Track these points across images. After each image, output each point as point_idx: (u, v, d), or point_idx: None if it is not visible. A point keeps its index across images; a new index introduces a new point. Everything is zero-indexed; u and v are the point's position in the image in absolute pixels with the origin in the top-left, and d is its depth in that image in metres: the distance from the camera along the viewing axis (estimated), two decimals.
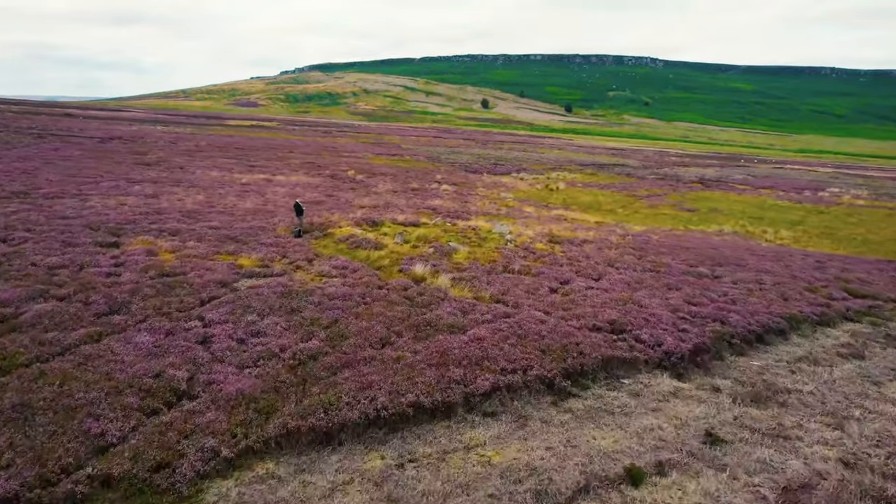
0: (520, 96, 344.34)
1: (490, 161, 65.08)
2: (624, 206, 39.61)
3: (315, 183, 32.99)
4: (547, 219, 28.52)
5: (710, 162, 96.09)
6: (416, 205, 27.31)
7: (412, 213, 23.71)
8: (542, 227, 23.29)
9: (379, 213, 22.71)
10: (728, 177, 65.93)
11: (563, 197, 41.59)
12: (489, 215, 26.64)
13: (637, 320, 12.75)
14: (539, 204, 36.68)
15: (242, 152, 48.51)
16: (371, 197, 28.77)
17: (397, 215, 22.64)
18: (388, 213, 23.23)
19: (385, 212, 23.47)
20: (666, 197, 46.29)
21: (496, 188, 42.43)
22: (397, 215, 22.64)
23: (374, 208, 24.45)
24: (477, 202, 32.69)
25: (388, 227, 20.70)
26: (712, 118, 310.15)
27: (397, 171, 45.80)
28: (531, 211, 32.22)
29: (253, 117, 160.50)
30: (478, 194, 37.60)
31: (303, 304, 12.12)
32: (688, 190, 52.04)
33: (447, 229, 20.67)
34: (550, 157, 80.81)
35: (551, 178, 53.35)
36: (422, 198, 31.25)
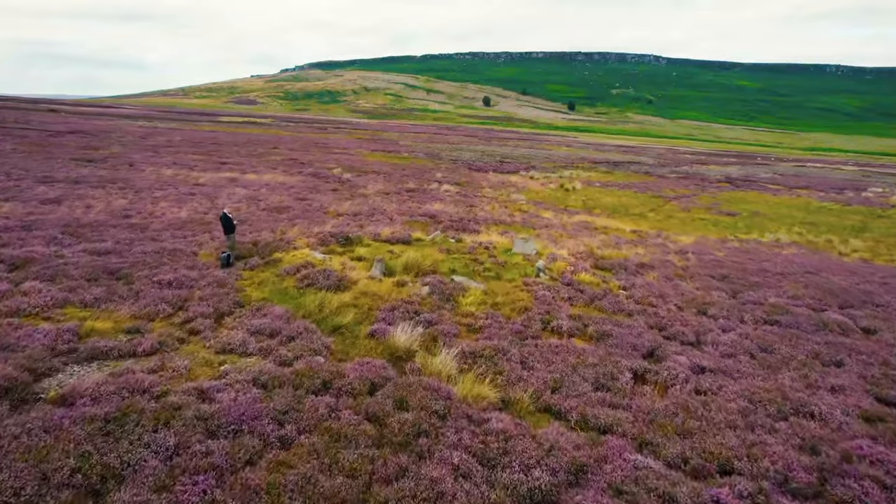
0: (522, 94, 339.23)
1: (495, 158, 59.61)
2: (654, 210, 34.16)
3: (290, 183, 27.62)
4: (574, 227, 23.11)
5: (728, 160, 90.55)
6: (411, 210, 21.93)
7: (403, 224, 18.32)
8: (575, 243, 17.88)
9: (358, 224, 17.28)
10: (754, 175, 60.45)
11: (581, 198, 36.15)
12: (502, 224, 21.24)
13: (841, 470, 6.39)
14: (557, 208, 31.23)
15: (219, 148, 43.10)
16: (355, 200, 23.36)
17: (382, 227, 17.19)
18: (370, 223, 17.92)
19: (367, 221, 18.01)
20: (696, 198, 40.85)
21: (505, 189, 36.99)
22: (382, 227, 17.19)
23: (355, 217, 18.97)
24: (485, 206, 27.25)
25: (365, 246, 14.93)
26: (717, 116, 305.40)
27: (392, 169, 40.38)
28: (550, 217, 26.77)
29: (247, 114, 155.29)
30: (485, 196, 32.18)
31: (134, 457, 5.69)
32: (717, 190, 46.56)
33: (450, 249, 15.26)
34: (559, 153, 75.30)
35: (564, 177, 47.87)
36: (418, 201, 25.83)
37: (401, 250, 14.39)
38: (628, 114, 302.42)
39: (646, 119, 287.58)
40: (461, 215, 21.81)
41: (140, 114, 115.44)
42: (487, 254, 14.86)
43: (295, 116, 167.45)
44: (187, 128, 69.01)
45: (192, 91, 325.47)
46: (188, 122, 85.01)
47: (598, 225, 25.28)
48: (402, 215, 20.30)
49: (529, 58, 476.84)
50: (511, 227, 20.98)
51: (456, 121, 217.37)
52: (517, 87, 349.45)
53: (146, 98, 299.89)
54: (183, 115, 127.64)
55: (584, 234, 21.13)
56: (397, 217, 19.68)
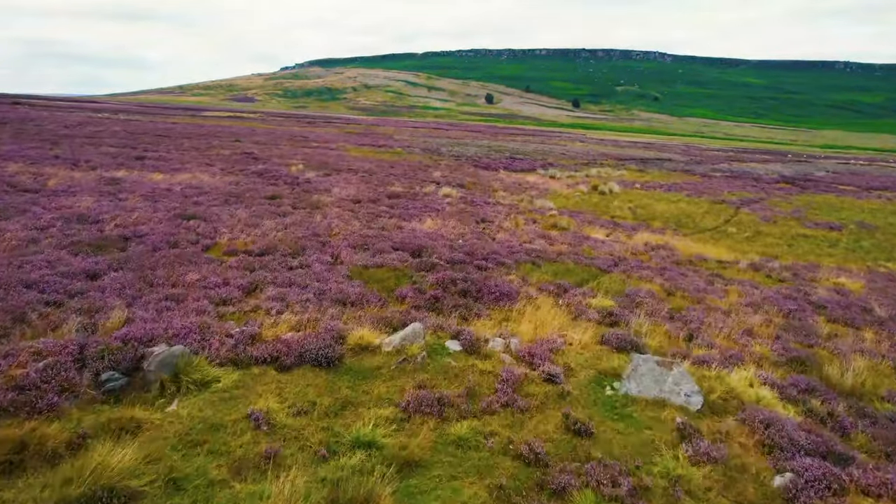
0: (525, 91, 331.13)
1: (505, 154, 50.57)
2: (728, 221, 25.10)
3: (212, 186, 18.61)
4: (662, 262, 13.98)
5: (762, 157, 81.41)
6: (381, 238, 12.66)
7: (351, 277, 9.51)
8: (731, 322, 8.65)
9: (232, 300, 8.01)
10: (809, 174, 51.34)
11: (627, 205, 27.08)
12: (547, 265, 12.02)
13: None
14: (602, 220, 22.18)
15: (158, 140, 34.16)
16: (291, 218, 14.09)
17: (291, 306, 7.86)
18: (272, 286, 8.70)
19: (271, 276, 9.02)
20: (768, 204, 31.79)
21: (524, 192, 27.97)
22: (291, 306, 7.86)
23: (247, 266, 9.69)
24: (503, 220, 18.22)
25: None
26: (725, 113, 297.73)
27: (377, 167, 31.38)
28: (603, 237, 17.74)
29: (239, 110, 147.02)
30: (500, 202, 23.16)
31: None
32: (783, 193, 37.48)
33: (442, 403, 5.70)
34: (575, 149, 66.21)
35: (593, 177, 38.81)
36: (402, 215, 16.79)
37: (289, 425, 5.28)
38: (634, 111, 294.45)
39: (652, 116, 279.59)
40: (469, 245, 12.73)
41: (118, 109, 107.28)
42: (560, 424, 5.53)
43: (288, 113, 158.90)
44: (155, 120, 60.07)
45: (189, 89, 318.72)
46: (160, 116, 76.09)
47: (681, 252, 16.19)
48: (359, 249, 11.14)
49: (532, 55, 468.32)
50: (563, 269, 11.77)
51: (458, 118, 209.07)
52: (520, 84, 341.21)
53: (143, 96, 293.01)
54: (167, 110, 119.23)
55: (691, 276, 12.10)
56: (346, 255, 10.45)
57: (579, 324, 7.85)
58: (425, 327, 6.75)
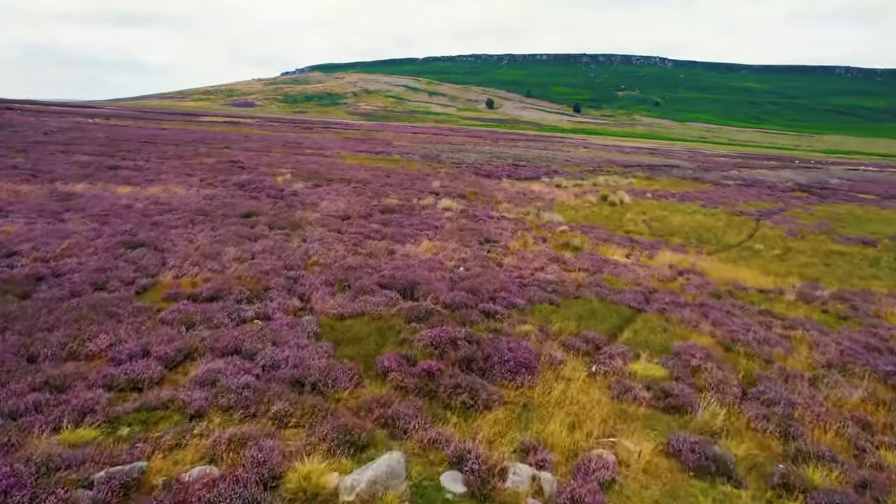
0: (526, 96, 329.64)
1: (507, 161, 48.65)
2: (752, 236, 23.11)
3: (183, 200, 16.65)
4: (698, 293, 11.94)
5: (770, 163, 79.49)
6: (368, 268, 10.64)
7: (319, 336, 7.59)
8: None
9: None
10: (823, 182, 49.38)
11: (641, 217, 25.09)
12: (566, 297, 9.98)
13: None
14: (615, 235, 20.20)
15: (142, 146, 32.26)
16: (263, 242, 12.14)
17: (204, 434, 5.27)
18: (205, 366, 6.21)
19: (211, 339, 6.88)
20: (789, 215, 29.82)
21: (530, 203, 26.01)
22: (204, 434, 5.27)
23: (181, 321, 7.48)
24: (509, 239, 16.24)
25: None
26: (726, 118, 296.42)
27: (372, 176, 29.43)
28: (620, 258, 15.76)
29: (237, 115, 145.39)
30: (504, 216, 21.20)
31: None
32: (802, 203, 35.50)
33: None
34: (579, 155, 64.29)
35: (601, 185, 36.86)
36: (395, 235, 14.81)
37: None
38: (636, 116, 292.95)
39: (654, 121, 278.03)
40: (472, 276, 10.71)
41: (113, 113, 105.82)
42: None
43: (287, 118, 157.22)
44: (142, 126, 58.24)
45: (190, 93, 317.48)
46: (154, 121, 74.33)
47: (714, 279, 14.18)
48: (338, 287, 9.09)
49: (533, 60, 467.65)
50: (588, 310, 9.70)
51: (458, 123, 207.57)
52: (521, 89, 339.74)
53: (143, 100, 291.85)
54: (164, 114, 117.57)
55: (738, 316, 10.10)
56: (320, 297, 8.37)
57: (627, 408, 5.85)
58: (408, 457, 4.58)
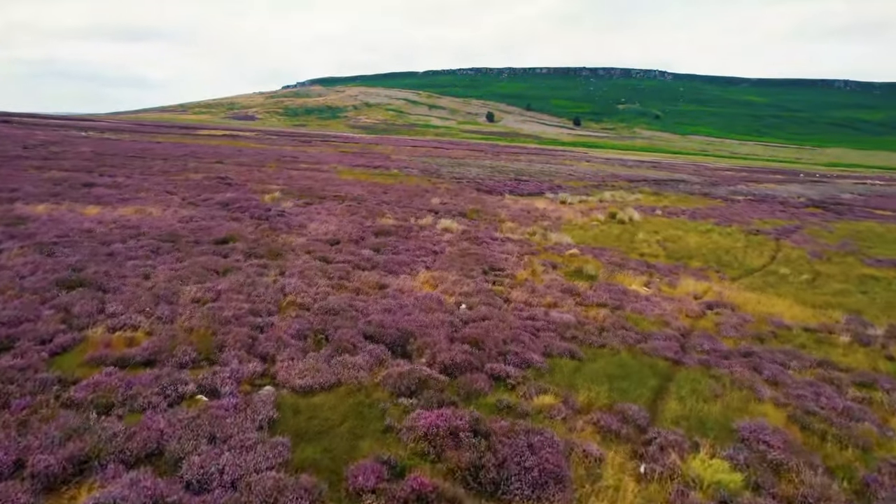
0: (526, 109, 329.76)
1: (509, 176, 47.22)
2: (775, 258, 21.50)
3: (151, 224, 15.10)
4: (738, 335, 10.25)
5: (775, 177, 78.11)
6: (353, 312, 9.17)
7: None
8: None
9: None
10: (836, 197, 47.88)
11: (653, 237, 23.50)
12: (588, 347, 8.29)
13: None
14: (629, 259, 18.59)
15: (128, 161, 30.78)
16: (225, 280, 10.46)
17: None
18: None
19: None
20: (807, 233, 28.22)
21: (535, 222, 24.44)
22: None
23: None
24: (513, 264, 14.64)
25: None
26: (727, 131, 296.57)
27: (369, 192, 27.91)
28: (639, 288, 14.16)
29: (237, 128, 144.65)
30: (509, 238, 19.62)
31: None
32: (819, 220, 33.92)
33: None
34: (583, 170, 62.89)
35: (608, 201, 35.35)
36: (389, 264, 13.20)
37: None
38: (636, 129, 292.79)
39: (654, 134, 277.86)
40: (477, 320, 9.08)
41: (109, 127, 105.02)
42: None
43: (286, 131, 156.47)
44: (135, 140, 56.93)
45: (191, 107, 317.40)
46: (149, 135, 73.13)
47: (748, 314, 12.54)
48: (312, 340, 7.33)
49: (533, 73, 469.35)
50: (616, 366, 8.04)
51: (458, 136, 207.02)
52: (521, 102, 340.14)
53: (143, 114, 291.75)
54: (161, 128, 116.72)
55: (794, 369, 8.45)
56: (286, 357, 6.41)
57: None
58: None
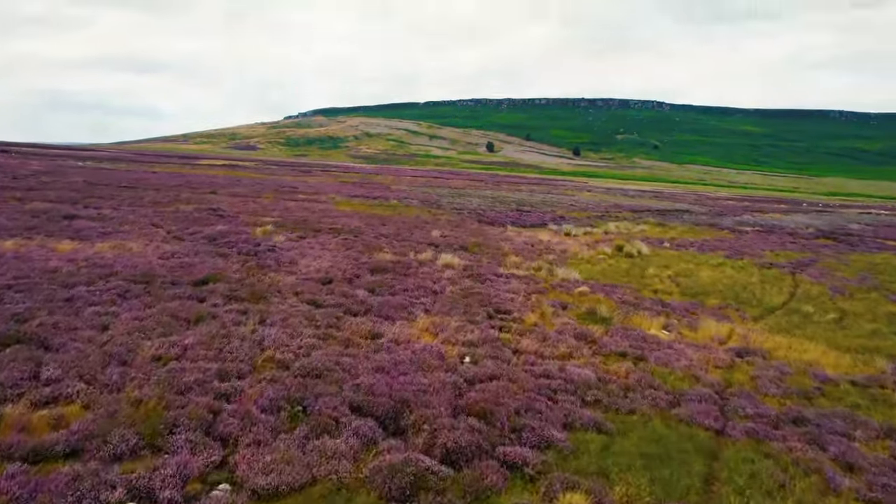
0: (526, 139, 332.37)
1: (510, 206, 46.37)
2: (794, 295, 20.30)
3: (125, 259, 14.05)
4: (780, 392, 8.96)
5: (779, 207, 77.42)
6: (327, 394, 8.04)
7: None
8: None
9: None
10: (843, 228, 46.92)
11: (665, 272, 22.35)
12: (614, 413, 7.00)
13: None
14: (643, 298, 17.41)
15: (119, 191, 29.88)
16: (154, 349, 9.24)
17: None
18: None
19: None
20: (822, 266, 27.07)
21: (539, 255, 23.34)
22: None
23: None
24: (520, 305, 13.46)
25: None
26: (725, 161, 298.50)
27: (366, 224, 26.91)
28: (658, 333, 12.96)
29: (238, 158, 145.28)
30: (513, 273, 18.48)
31: None
32: (833, 252, 32.83)
33: None
34: (584, 200, 62.17)
35: (611, 233, 34.34)
36: (384, 308, 12.02)
37: None
38: (635, 159, 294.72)
39: (653, 164, 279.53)
40: (483, 380, 7.84)
41: (108, 156, 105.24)
42: None
43: (286, 161, 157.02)
44: (130, 169, 56.34)
45: (193, 137, 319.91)
46: (146, 164, 72.71)
47: (785, 363, 11.33)
48: (286, 413, 5.95)
49: (533, 104, 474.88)
50: (651, 440, 6.80)
51: (459, 166, 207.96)
52: (521, 132, 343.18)
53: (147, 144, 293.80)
54: (161, 157, 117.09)
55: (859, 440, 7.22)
56: (251, 443, 4.93)
57: None
58: None
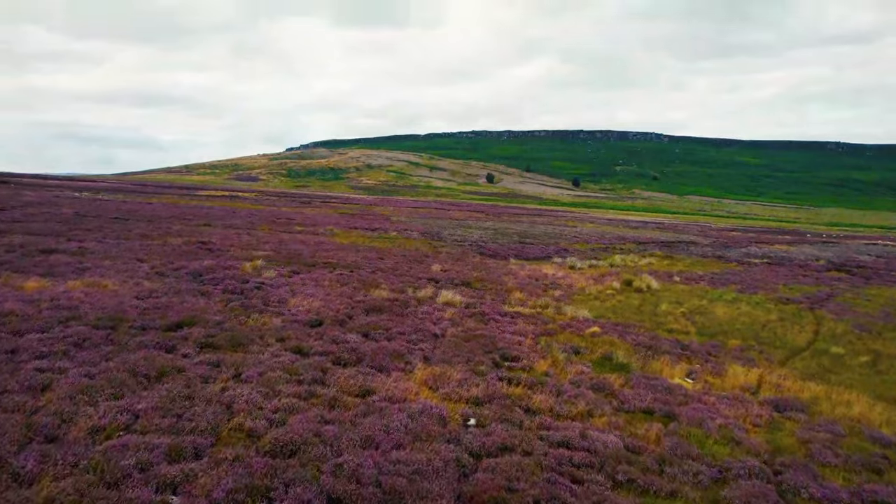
0: (525, 171, 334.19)
1: (512, 238, 45.36)
2: (819, 334, 19.02)
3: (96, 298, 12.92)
4: (846, 471, 7.80)
5: (783, 238, 76.42)
6: (300, 482, 6.91)
7: None
8: None
9: None
10: (854, 259, 45.75)
11: (676, 308, 21.10)
12: (647, 494, 6.01)
13: None
14: (664, 340, 16.15)
15: (108, 224, 28.87)
16: (93, 418, 8.17)
17: None
18: None
19: None
20: (840, 301, 25.80)
21: (544, 291, 22.14)
22: None
23: None
24: (528, 351, 12.23)
25: None
26: (724, 191, 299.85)
27: (364, 258, 25.79)
28: (684, 381, 11.69)
29: (238, 189, 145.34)
30: (518, 312, 17.26)
31: None
32: (848, 286, 31.59)
33: None
34: (587, 231, 61.21)
35: (617, 266, 33.19)
36: (377, 357, 10.80)
37: None
38: (635, 190, 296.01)
39: (653, 195, 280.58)
40: (491, 440, 6.67)
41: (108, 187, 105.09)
42: None
43: (287, 192, 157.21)
44: (126, 201, 55.58)
45: (195, 168, 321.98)
46: (143, 196, 72.12)
47: (837, 424, 10.06)
48: None
49: (532, 136, 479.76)
50: None
51: (459, 197, 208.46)
52: (520, 164, 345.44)
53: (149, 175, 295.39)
54: (161, 188, 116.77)
55: None
56: None
57: None
58: None
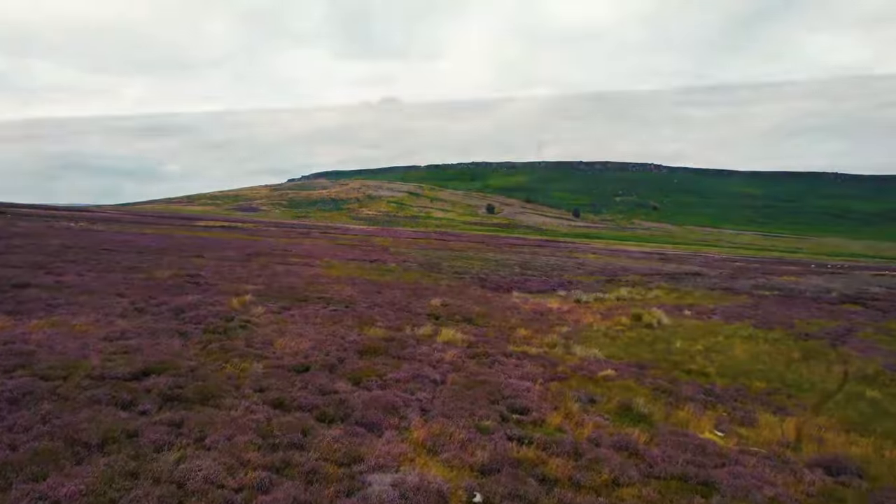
0: (526, 202, 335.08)
1: (514, 270, 44.13)
2: (849, 375, 17.63)
3: (59, 340, 11.72)
4: None
5: (789, 268, 75.18)
6: None
7: None
8: None
9: None
10: (867, 292, 44.40)
11: (692, 346, 19.73)
12: None
13: None
14: (684, 384, 14.78)
15: (95, 255, 27.71)
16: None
17: None
18: None
19: None
20: (862, 336, 24.41)
21: (551, 328, 20.81)
22: None
23: None
24: (537, 398, 10.88)
25: None
26: (724, 221, 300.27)
27: (360, 292, 24.54)
28: (712, 436, 10.32)
29: (238, 220, 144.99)
30: (525, 352, 15.93)
31: None
32: (867, 320, 30.17)
33: None
34: (590, 262, 60.02)
35: (625, 299, 31.87)
36: (370, 408, 9.43)
37: None
38: (635, 220, 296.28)
39: (653, 225, 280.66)
40: None
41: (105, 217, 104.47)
42: None
43: (287, 222, 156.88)
44: (120, 231, 54.64)
45: (197, 198, 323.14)
46: (138, 226, 71.30)
47: (886, 482, 8.69)
48: None
49: (532, 167, 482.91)
50: None
51: (459, 227, 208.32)
52: (521, 194, 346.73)
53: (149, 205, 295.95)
54: (161, 219, 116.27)
55: None
56: None
57: None
58: None
